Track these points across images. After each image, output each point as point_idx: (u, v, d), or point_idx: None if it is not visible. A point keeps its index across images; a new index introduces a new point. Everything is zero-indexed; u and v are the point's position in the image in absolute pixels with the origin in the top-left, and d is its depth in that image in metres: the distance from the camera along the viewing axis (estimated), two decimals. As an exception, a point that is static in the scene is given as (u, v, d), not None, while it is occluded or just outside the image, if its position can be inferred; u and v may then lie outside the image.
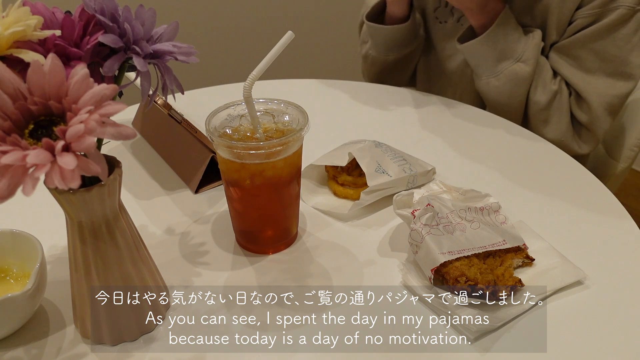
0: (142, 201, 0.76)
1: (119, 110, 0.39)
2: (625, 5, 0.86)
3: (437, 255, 0.58)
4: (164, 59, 0.49)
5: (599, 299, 0.60)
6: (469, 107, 0.99)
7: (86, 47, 0.45)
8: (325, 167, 0.79)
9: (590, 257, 0.65)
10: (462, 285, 0.57)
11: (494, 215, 0.68)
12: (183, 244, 0.68)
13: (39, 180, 0.37)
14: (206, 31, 1.91)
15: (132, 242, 0.53)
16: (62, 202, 0.48)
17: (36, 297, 0.55)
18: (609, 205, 0.74)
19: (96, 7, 0.46)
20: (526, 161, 0.85)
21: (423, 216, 0.62)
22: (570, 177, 0.81)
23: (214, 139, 0.59)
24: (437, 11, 1.06)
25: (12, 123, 0.40)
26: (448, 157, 0.86)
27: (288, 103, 0.64)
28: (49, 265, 0.62)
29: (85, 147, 0.37)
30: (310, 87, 1.09)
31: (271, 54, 0.59)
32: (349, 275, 0.63)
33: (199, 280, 0.63)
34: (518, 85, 0.93)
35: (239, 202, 0.64)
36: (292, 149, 0.60)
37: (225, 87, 1.07)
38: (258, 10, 1.95)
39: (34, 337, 0.56)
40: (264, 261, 0.66)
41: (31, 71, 0.40)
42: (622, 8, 0.86)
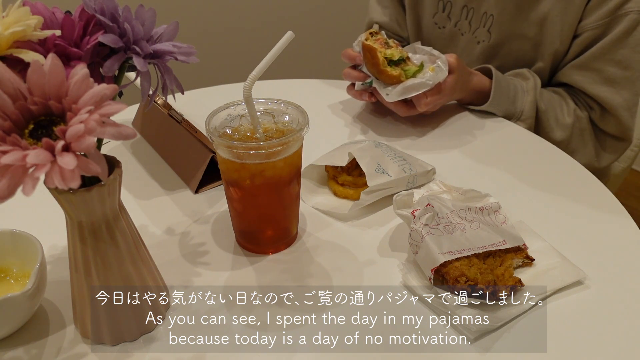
0: (142, 201, 0.76)
1: (119, 110, 0.39)
2: (635, 10, 0.86)
3: (437, 255, 0.58)
4: (164, 59, 0.49)
5: (598, 299, 0.60)
6: (468, 108, 0.99)
7: (86, 47, 0.45)
8: (325, 167, 0.79)
9: (590, 257, 0.65)
10: (462, 285, 0.57)
11: (494, 215, 0.68)
12: (183, 244, 0.68)
13: (39, 180, 0.37)
14: (206, 31, 1.91)
15: (132, 242, 0.53)
16: (62, 202, 0.48)
17: (36, 297, 0.55)
18: (609, 205, 0.74)
19: (96, 7, 0.46)
20: (526, 161, 0.85)
21: (423, 216, 0.62)
22: (571, 177, 0.81)
23: (214, 139, 0.59)
24: (435, 17, 1.06)
25: (12, 123, 0.40)
26: (448, 157, 0.86)
27: (288, 103, 0.64)
28: (49, 265, 0.62)
29: (85, 147, 0.37)
30: (310, 87, 1.09)
31: (271, 54, 0.59)
32: (349, 275, 0.63)
33: (199, 280, 0.63)
34: None
35: (239, 202, 0.64)
36: (292, 149, 0.60)
37: (225, 87, 1.07)
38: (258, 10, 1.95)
39: (34, 337, 0.56)
40: (264, 261, 0.66)
41: (31, 71, 0.40)
42: (632, 13, 0.86)
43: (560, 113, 0.94)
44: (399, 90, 0.84)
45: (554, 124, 0.94)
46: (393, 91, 0.85)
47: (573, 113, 0.94)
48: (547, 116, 0.94)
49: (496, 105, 0.93)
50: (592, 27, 0.89)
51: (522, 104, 0.93)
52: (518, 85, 0.95)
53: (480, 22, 1.00)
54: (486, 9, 0.99)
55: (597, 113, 0.95)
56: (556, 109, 0.94)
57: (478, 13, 1.00)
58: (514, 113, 0.94)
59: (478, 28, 1.01)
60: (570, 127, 0.94)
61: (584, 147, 0.96)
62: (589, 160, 0.97)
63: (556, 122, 0.94)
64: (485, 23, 0.99)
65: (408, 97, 0.84)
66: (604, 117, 0.94)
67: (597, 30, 0.89)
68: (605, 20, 0.88)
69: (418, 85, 0.84)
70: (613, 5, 0.87)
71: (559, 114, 0.94)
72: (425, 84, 0.84)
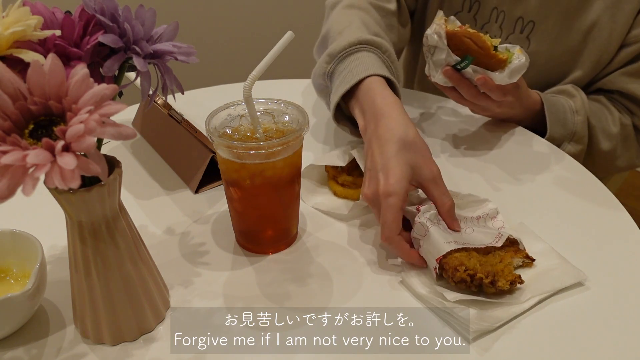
0: (142, 201, 0.76)
1: (119, 110, 0.39)
2: None
3: (442, 245, 0.58)
4: (164, 59, 0.49)
5: (598, 300, 0.60)
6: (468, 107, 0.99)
7: (86, 47, 0.45)
8: (325, 167, 0.79)
9: (590, 258, 0.65)
10: (462, 274, 0.57)
11: (491, 222, 0.68)
12: (183, 244, 0.68)
13: (39, 180, 0.37)
14: (206, 31, 1.91)
15: (132, 242, 0.53)
16: (62, 202, 0.48)
17: (36, 297, 0.55)
18: (609, 205, 0.74)
19: (96, 7, 0.46)
20: (526, 162, 0.85)
21: (428, 212, 0.62)
22: (571, 177, 0.81)
23: (214, 139, 0.59)
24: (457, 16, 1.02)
25: (12, 123, 0.40)
26: (448, 157, 0.86)
27: (288, 103, 0.64)
28: (49, 265, 0.62)
29: (85, 147, 0.37)
30: (310, 87, 1.08)
31: (271, 54, 0.59)
32: (349, 275, 0.63)
33: (199, 280, 0.63)
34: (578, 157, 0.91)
35: (239, 202, 0.64)
36: (292, 149, 0.60)
37: (225, 87, 1.07)
38: (258, 10, 1.95)
39: (34, 337, 0.56)
40: (264, 261, 0.66)
41: (31, 71, 0.40)
42: None
43: (606, 124, 0.92)
44: (507, 74, 0.80)
45: (602, 136, 0.92)
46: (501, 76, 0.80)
47: (619, 122, 0.92)
48: (595, 131, 0.91)
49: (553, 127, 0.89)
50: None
51: (573, 125, 0.89)
52: (566, 105, 0.90)
53: (514, 28, 0.96)
54: (522, 14, 0.94)
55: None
56: (602, 121, 0.92)
57: (511, 18, 0.96)
58: (565, 135, 0.90)
59: (512, 34, 0.96)
60: (617, 136, 0.92)
61: (627, 152, 0.95)
62: (630, 162, 0.95)
63: (604, 134, 0.92)
64: (523, 29, 0.95)
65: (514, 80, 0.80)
66: None
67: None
68: None
69: (520, 68, 0.80)
70: None
71: (606, 125, 0.92)
72: (525, 64, 0.80)
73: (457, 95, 0.84)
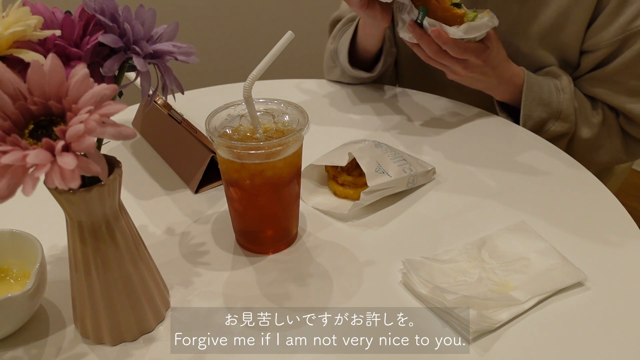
0: (142, 201, 0.76)
1: (119, 110, 0.39)
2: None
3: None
4: (164, 59, 0.49)
5: (599, 300, 0.60)
6: (469, 107, 0.99)
7: (86, 47, 0.45)
8: (325, 167, 0.79)
9: (591, 257, 0.65)
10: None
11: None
12: (183, 244, 0.68)
13: (39, 180, 0.37)
14: (206, 31, 1.91)
15: (132, 242, 0.53)
16: (62, 202, 0.48)
17: (36, 297, 0.55)
18: (609, 205, 0.74)
19: (96, 7, 0.46)
20: (526, 161, 0.85)
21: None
22: (571, 177, 0.81)
23: (214, 139, 0.59)
24: None
25: (12, 123, 0.40)
26: (448, 157, 0.86)
27: (288, 103, 0.64)
28: (49, 265, 0.62)
29: (85, 147, 0.37)
30: (310, 87, 1.09)
31: (271, 54, 0.59)
32: (349, 275, 0.63)
33: (199, 280, 0.63)
34: (564, 137, 0.92)
35: (239, 202, 0.64)
36: (292, 149, 0.60)
37: (225, 87, 1.07)
38: (258, 10, 1.95)
39: (34, 337, 0.56)
40: (264, 261, 0.66)
41: (31, 71, 0.40)
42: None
43: (588, 112, 0.92)
44: (463, 28, 0.81)
45: (582, 123, 0.92)
46: (455, 30, 0.81)
47: (601, 111, 0.92)
48: (576, 116, 0.92)
49: (529, 105, 0.90)
50: (607, 45, 0.87)
51: (558, 104, 0.90)
52: (551, 83, 0.91)
53: None
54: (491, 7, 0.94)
55: (623, 118, 0.93)
56: (584, 107, 0.92)
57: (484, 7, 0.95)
58: (551, 113, 0.90)
59: None
60: (598, 125, 0.92)
61: (610, 144, 0.94)
62: (615, 155, 0.95)
63: (584, 121, 0.92)
64: None
65: (471, 37, 0.82)
66: (630, 121, 0.93)
67: (613, 46, 0.87)
68: (620, 37, 0.86)
69: (480, 26, 0.81)
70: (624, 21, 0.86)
71: (588, 114, 0.92)
72: (486, 24, 0.81)
73: (422, 52, 0.85)
